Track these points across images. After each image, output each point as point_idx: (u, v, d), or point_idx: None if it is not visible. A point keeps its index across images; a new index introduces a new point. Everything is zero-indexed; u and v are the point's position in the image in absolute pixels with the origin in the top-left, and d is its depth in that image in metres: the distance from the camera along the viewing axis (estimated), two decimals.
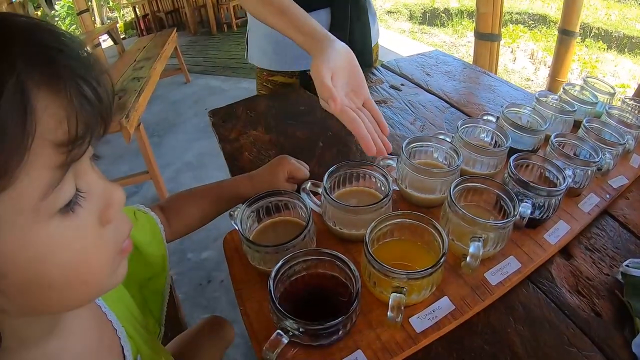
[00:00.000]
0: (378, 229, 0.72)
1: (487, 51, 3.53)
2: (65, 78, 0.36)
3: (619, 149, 1.01)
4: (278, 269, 0.64)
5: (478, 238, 0.71)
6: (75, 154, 0.37)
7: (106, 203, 0.44)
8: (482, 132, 1.05)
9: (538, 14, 8.29)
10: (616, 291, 0.79)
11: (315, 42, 0.98)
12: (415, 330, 0.68)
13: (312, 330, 0.59)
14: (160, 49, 4.44)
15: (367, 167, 0.85)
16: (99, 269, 0.44)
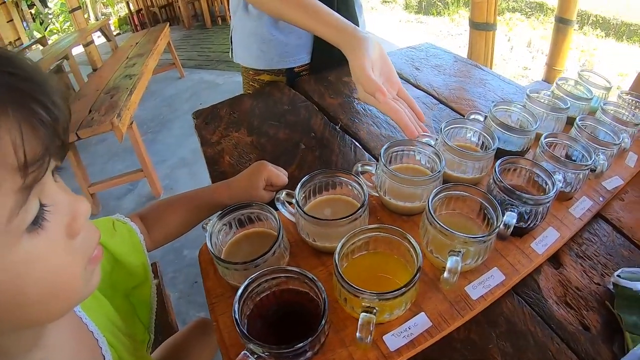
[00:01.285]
0: (350, 244, 0.68)
1: (482, 40, 3.50)
2: (17, 103, 0.37)
3: (613, 149, 0.96)
4: (244, 289, 0.61)
5: (457, 252, 0.67)
6: (35, 175, 0.38)
7: (72, 216, 0.45)
8: (468, 133, 1.00)
9: (535, 2, 8.24)
10: (607, 302, 0.75)
11: (347, 36, 1.01)
12: (389, 349, 0.65)
13: (277, 354, 0.56)
14: (152, 45, 4.45)
15: (342, 175, 0.82)
16: (73, 280, 0.46)
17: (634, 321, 0.69)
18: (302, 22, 1.10)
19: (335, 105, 1.37)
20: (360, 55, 0.95)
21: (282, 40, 1.48)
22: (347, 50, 0.99)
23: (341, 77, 1.53)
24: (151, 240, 0.87)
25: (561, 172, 0.87)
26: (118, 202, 3.33)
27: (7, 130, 0.36)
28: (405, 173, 0.82)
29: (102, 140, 4.13)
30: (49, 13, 10.52)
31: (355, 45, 0.98)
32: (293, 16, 1.11)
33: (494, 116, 0.99)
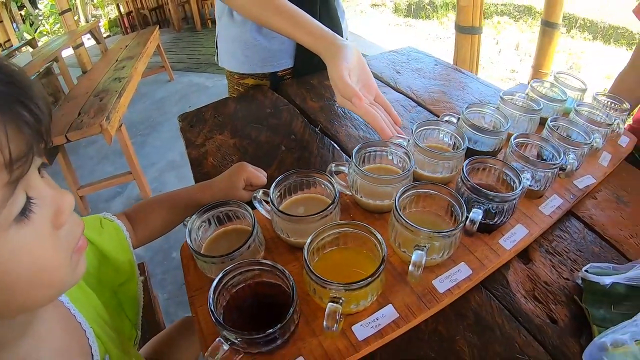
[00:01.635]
0: (320, 238, 0.71)
1: (468, 44, 3.54)
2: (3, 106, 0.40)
3: (584, 148, 0.99)
4: (219, 280, 0.64)
5: (422, 247, 0.70)
6: (20, 171, 0.42)
7: (57, 209, 0.48)
8: (441, 134, 1.04)
9: (523, 5, 8.30)
10: (575, 297, 0.78)
11: (327, 43, 1.05)
12: (357, 338, 0.68)
13: (249, 340, 0.60)
14: (142, 48, 4.46)
15: (316, 174, 0.85)
16: (58, 268, 0.49)
17: (602, 315, 0.72)
18: (282, 29, 1.14)
19: (316, 108, 1.40)
20: (338, 63, 0.99)
21: (265, 45, 1.51)
22: (326, 58, 1.03)
23: (323, 81, 1.56)
24: (137, 237, 0.91)
25: (530, 171, 0.90)
26: (107, 204, 3.34)
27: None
28: (377, 173, 0.86)
29: (91, 142, 4.14)
30: (39, 14, 10.47)
31: (334, 52, 1.01)
32: (274, 23, 1.14)
33: (466, 118, 1.03)
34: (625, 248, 0.89)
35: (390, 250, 0.80)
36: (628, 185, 1.07)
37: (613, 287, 0.76)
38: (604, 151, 1.12)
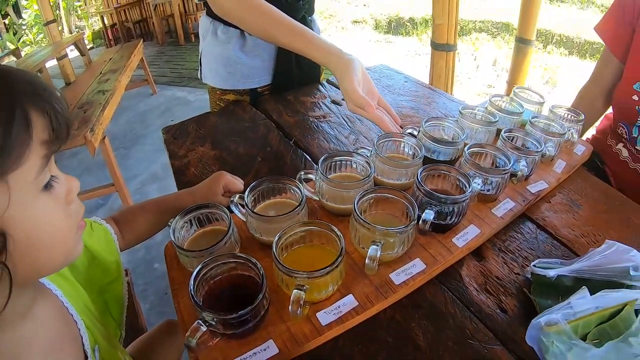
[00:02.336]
0: (288, 235, 0.81)
1: (443, 61, 3.63)
2: (45, 104, 0.55)
3: (535, 156, 1.09)
4: (199, 271, 0.73)
5: (377, 243, 0.80)
6: (53, 148, 0.56)
7: (68, 188, 0.62)
8: (402, 145, 1.13)
9: (501, 22, 8.46)
10: (524, 289, 0.87)
11: (336, 58, 1.18)
12: (321, 323, 0.77)
13: (224, 320, 0.69)
14: (126, 61, 4.48)
15: (286, 180, 0.95)
16: (69, 235, 0.62)
17: (548, 305, 0.79)
18: (293, 46, 1.24)
19: (292, 122, 1.49)
20: (351, 77, 1.13)
21: (247, 62, 1.60)
22: (337, 72, 1.16)
23: (299, 97, 1.65)
24: (124, 240, 0.99)
25: (481, 177, 0.99)
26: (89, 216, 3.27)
27: (40, 117, 0.54)
28: (342, 180, 0.96)
29: (74, 154, 4.17)
30: (22, 24, 10.40)
31: (344, 67, 1.15)
32: (285, 40, 1.25)
33: (425, 130, 1.13)
34: (576, 247, 0.98)
35: (352, 247, 0.90)
36: (583, 190, 1.17)
37: (559, 279, 0.85)
38: (559, 159, 1.22)
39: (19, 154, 0.50)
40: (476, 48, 7.39)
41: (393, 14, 9.02)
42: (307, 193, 0.98)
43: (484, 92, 5.80)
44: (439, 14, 3.46)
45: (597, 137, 1.69)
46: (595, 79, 1.63)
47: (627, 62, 1.45)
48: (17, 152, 0.50)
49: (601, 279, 0.84)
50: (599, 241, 0.95)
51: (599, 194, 1.16)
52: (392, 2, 10.05)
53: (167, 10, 8.97)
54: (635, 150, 1.45)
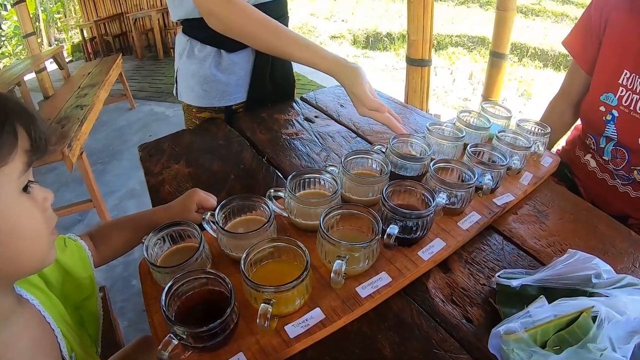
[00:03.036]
0: (256, 252, 0.84)
1: (418, 76, 3.69)
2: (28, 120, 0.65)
3: (500, 170, 1.13)
4: (170, 286, 0.76)
5: (342, 257, 0.83)
6: (33, 157, 0.65)
7: (43, 197, 0.69)
8: (369, 161, 1.16)
9: (477, 36, 8.61)
10: (490, 299, 0.90)
11: (341, 66, 1.28)
12: (289, 336, 0.80)
13: (194, 333, 0.71)
14: (104, 76, 4.46)
15: (255, 198, 0.98)
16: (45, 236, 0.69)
17: (513, 313, 0.81)
18: (299, 57, 1.31)
19: (265, 140, 1.52)
20: (360, 83, 1.26)
21: (223, 80, 1.63)
22: (345, 80, 1.27)
23: (272, 114, 1.69)
24: (100, 256, 1.01)
25: (446, 192, 1.03)
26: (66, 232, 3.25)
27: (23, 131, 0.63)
28: (310, 197, 1.00)
29: (51, 169, 4.13)
30: (1, 35, 10.29)
31: (351, 75, 1.26)
32: (291, 52, 1.31)
33: (392, 147, 1.16)
34: (542, 256, 1.02)
35: (319, 262, 0.93)
36: (549, 201, 1.21)
37: (524, 288, 0.89)
38: (526, 171, 1.26)
39: (7, 153, 0.60)
40: (452, 62, 7.50)
41: (371, 30, 9.12)
42: (276, 210, 1.01)
43: (460, 105, 5.89)
44: (413, 30, 3.52)
45: (566, 149, 1.75)
46: (564, 92, 1.69)
47: (594, 74, 1.51)
48: (6, 151, 0.60)
49: (564, 287, 0.88)
50: (564, 250, 0.98)
51: (565, 204, 1.20)
52: (369, 17, 10.17)
53: (147, 24, 8.97)
54: (603, 160, 1.51)
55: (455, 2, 11.42)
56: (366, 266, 0.90)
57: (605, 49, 1.46)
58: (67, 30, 11.01)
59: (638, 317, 0.77)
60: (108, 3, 9.43)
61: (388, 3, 11.52)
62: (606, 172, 1.52)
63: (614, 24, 1.43)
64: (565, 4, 11.38)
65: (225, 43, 1.48)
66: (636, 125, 1.36)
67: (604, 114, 1.44)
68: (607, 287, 0.85)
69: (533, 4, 11.17)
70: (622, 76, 1.39)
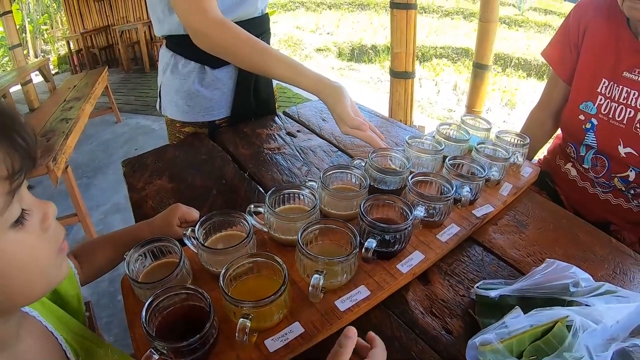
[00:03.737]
0: (235, 267, 0.85)
1: (402, 88, 3.73)
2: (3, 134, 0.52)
3: (479, 181, 1.15)
4: (150, 302, 0.77)
5: (320, 272, 0.84)
6: (17, 183, 0.53)
7: (43, 215, 0.60)
8: (349, 176, 1.17)
9: (460, 48, 8.72)
10: (470, 310, 0.92)
11: (325, 87, 1.31)
12: (269, 350, 0.81)
13: (174, 348, 0.72)
14: (90, 89, 4.45)
15: (235, 214, 1.00)
16: (47, 263, 0.61)
17: (492, 323, 0.82)
18: (284, 77, 1.34)
19: (247, 155, 1.53)
20: (343, 102, 1.29)
21: (207, 96, 1.65)
22: (329, 98, 1.30)
23: (255, 129, 1.70)
24: (83, 275, 1.00)
25: (424, 205, 1.05)
26: None
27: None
28: (290, 212, 1.01)
29: (36, 183, 4.09)
30: None
31: (334, 94, 1.29)
32: (276, 71, 1.35)
33: (371, 161, 1.18)
34: (522, 266, 1.04)
35: (299, 277, 0.94)
36: (529, 211, 1.23)
37: (503, 299, 0.90)
38: (506, 182, 1.28)
39: None
40: (437, 73, 7.59)
41: (356, 42, 9.21)
42: (256, 225, 1.03)
43: (445, 116, 5.95)
44: (396, 43, 3.56)
45: (547, 158, 1.78)
46: (544, 102, 1.73)
47: (573, 84, 1.55)
48: None
49: (543, 297, 0.89)
50: (544, 260, 0.99)
51: (546, 213, 1.23)
52: (354, 30, 10.27)
53: (133, 37, 8.99)
54: (583, 169, 1.54)
55: (439, 14, 11.58)
56: (345, 280, 0.92)
57: (583, 58, 1.50)
58: (54, 42, 10.97)
59: (615, 325, 0.79)
60: (95, 15, 9.43)
61: (372, 16, 11.65)
62: (587, 180, 1.56)
63: (592, 34, 1.47)
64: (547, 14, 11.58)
65: (209, 59, 1.50)
66: (615, 132, 1.40)
67: (584, 122, 1.48)
68: (585, 295, 0.87)
69: (516, 14, 11.36)
70: (601, 85, 1.43)
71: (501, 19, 9.68)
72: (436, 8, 11.97)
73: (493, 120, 5.81)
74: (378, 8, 12.14)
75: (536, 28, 10.55)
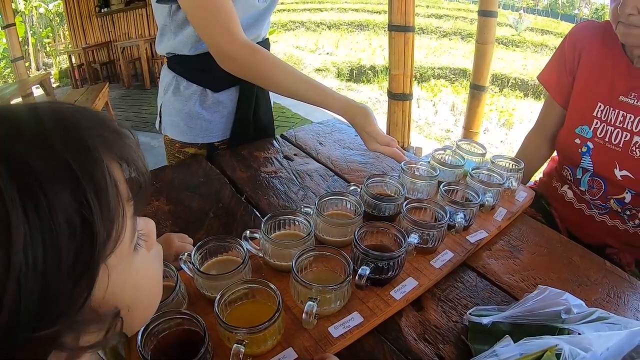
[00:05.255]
0: (230, 293, 0.86)
1: (399, 109, 3.78)
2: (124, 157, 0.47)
3: (473, 208, 1.17)
4: (146, 326, 0.78)
5: (314, 299, 0.86)
6: (141, 203, 0.50)
7: (147, 234, 0.55)
8: (344, 202, 1.19)
9: (458, 68, 8.79)
10: (462, 336, 0.93)
11: (352, 108, 1.40)
12: None
13: None
14: (91, 104, 4.47)
15: (230, 240, 1.01)
16: (159, 284, 0.60)
17: (484, 350, 0.84)
18: (313, 100, 1.40)
19: (244, 178, 1.55)
20: (372, 122, 1.38)
21: (207, 118, 1.67)
22: (357, 119, 1.38)
23: (253, 152, 1.72)
24: None
25: (418, 232, 1.06)
26: None
27: (120, 174, 0.46)
28: (285, 238, 1.03)
29: None
30: None
31: (362, 114, 1.37)
32: (308, 96, 1.40)
33: (367, 188, 1.20)
34: (516, 291, 1.05)
35: (293, 303, 0.95)
36: (524, 236, 1.25)
37: (496, 325, 0.91)
38: (500, 207, 1.29)
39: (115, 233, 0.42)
40: (435, 94, 7.64)
41: (354, 63, 9.28)
42: (252, 250, 1.04)
43: (442, 136, 5.98)
44: (394, 65, 3.61)
45: (543, 180, 1.81)
46: (540, 125, 1.76)
47: (569, 108, 1.58)
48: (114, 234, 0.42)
49: (535, 324, 0.91)
50: (538, 284, 1.01)
51: (540, 238, 1.24)
52: (353, 50, 10.36)
53: (135, 53, 9.04)
54: (580, 191, 1.56)
55: (437, 34, 11.70)
56: (338, 307, 0.93)
57: (579, 83, 1.53)
58: (56, 56, 11.02)
59: (605, 352, 0.79)
60: (97, 30, 9.52)
61: (371, 36, 11.76)
62: (583, 202, 1.58)
63: (587, 59, 1.50)
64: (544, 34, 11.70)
65: (211, 82, 1.54)
66: (611, 156, 1.43)
67: (580, 146, 1.50)
68: (576, 322, 0.88)
69: (513, 35, 11.47)
70: (597, 109, 1.46)
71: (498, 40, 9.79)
72: (434, 29, 12.09)
73: (490, 141, 5.91)
74: (377, 29, 12.26)
75: (533, 48, 10.65)
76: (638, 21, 1.22)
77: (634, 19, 1.22)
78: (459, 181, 1.31)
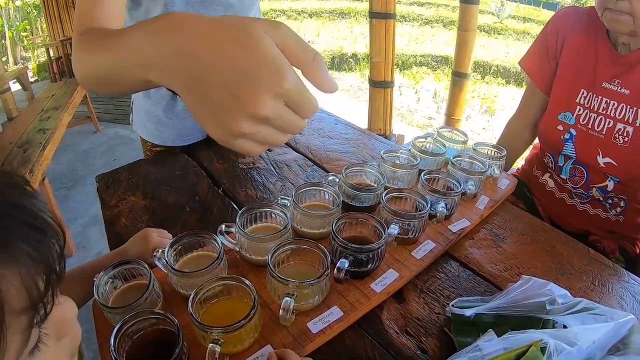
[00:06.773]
0: (205, 290, 0.84)
1: (381, 97, 3.76)
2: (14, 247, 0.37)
3: (455, 197, 1.15)
4: (119, 328, 0.76)
5: (291, 295, 0.83)
6: (42, 313, 0.39)
7: (60, 323, 0.46)
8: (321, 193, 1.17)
9: (440, 56, 8.80)
10: (445, 328, 0.91)
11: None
12: None
13: None
14: (68, 99, 4.38)
15: (205, 235, 0.98)
16: None
17: (468, 342, 0.82)
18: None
19: (221, 170, 1.52)
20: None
21: (177, 125, 1.61)
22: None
23: None
24: None
25: (398, 222, 1.04)
26: None
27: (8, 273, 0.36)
28: (262, 231, 1.00)
29: None
30: None
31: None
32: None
33: (345, 178, 1.17)
34: (499, 281, 1.04)
35: (271, 298, 0.93)
36: (507, 224, 1.24)
37: (478, 317, 0.90)
38: (483, 195, 1.28)
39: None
40: (417, 81, 7.64)
41: (336, 51, 9.23)
42: (228, 245, 1.02)
43: (424, 124, 5.98)
44: (376, 52, 3.59)
45: (525, 168, 1.80)
46: (521, 112, 1.75)
47: (551, 94, 1.57)
48: None
49: (519, 315, 0.89)
50: (522, 273, 1.00)
51: (523, 226, 1.24)
52: (334, 38, 10.31)
53: None
54: (561, 179, 1.56)
55: (419, 22, 11.67)
56: (317, 302, 0.91)
57: (562, 69, 1.52)
58: (34, 49, 10.82)
59: (591, 346, 0.78)
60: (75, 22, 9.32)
61: (353, 24, 11.70)
62: (564, 191, 1.58)
63: (571, 45, 1.49)
64: (526, 22, 11.75)
65: None
66: (594, 143, 1.42)
67: (562, 132, 1.50)
68: (561, 313, 0.87)
69: (495, 22, 11.50)
70: (579, 95, 1.45)
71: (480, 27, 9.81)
72: (416, 16, 12.06)
73: (473, 128, 5.92)
74: (359, 16, 12.20)
75: (515, 36, 10.70)
76: (626, 7, 1.21)
77: (622, 5, 1.21)
78: (440, 169, 1.29)
